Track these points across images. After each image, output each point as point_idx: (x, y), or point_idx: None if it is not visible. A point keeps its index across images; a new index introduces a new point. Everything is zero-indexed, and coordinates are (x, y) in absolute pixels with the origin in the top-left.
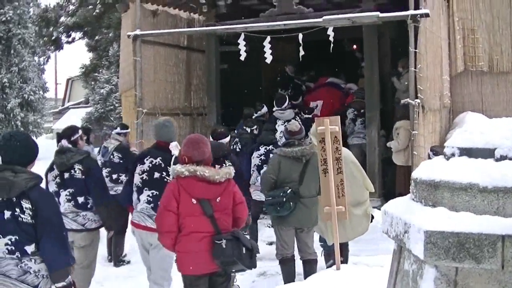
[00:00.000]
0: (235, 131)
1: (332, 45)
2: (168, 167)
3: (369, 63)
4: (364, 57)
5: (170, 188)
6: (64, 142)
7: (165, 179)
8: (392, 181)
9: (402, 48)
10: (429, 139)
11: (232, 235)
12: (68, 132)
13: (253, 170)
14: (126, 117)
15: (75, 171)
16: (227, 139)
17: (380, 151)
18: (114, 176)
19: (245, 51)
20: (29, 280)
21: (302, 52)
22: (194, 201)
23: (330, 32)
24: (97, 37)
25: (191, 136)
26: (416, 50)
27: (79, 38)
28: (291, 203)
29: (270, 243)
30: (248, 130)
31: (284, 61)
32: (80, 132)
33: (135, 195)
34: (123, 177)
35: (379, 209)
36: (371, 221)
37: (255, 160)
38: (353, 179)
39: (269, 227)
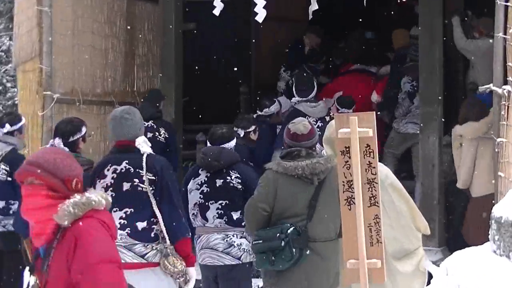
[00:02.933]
0: None
1: None
2: (140, 171)
3: (427, 24)
4: (420, 15)
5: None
6: (59, 143)
7: (140, 188)
8: (461, 220)
9: (484, 2)
10: None
11: None
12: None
13: None
14: (24, 106)
15: None
16: (232, 142)
17: (442, 170)
18: (1, 204)
19: (223, 1)
20: None
21: (315, 6)
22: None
23: None
24: None
25: (51, 150)
26: (508, 4)
27: None
28: (294, 250)
29: None
30: (242, 133)
31: (289, 21)
32: (85, 130)
33: None
34: (16, 206)
35: (439, 266)
36: (428, 283)
37: None
38: (395, 214)
39: None
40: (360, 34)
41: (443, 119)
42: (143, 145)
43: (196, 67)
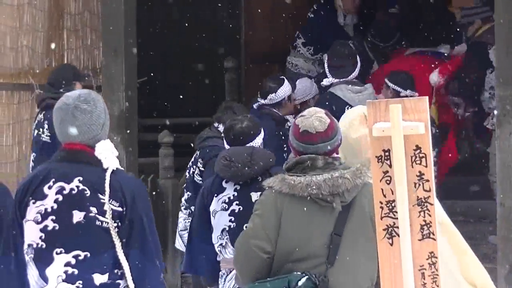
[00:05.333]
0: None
1: None
2: (101, 196)
3: None
4: None
5: None
6: None
7: (98, 221)
8: None
9: None
10: None
11: None
12: None
13: None
14: None
15: None
16: (259, 139)
17: None
18: None
19: None
20: None
21: None
22: None
23: None
24: None
25: None
26: None
27: None
28: None
29: None
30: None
31: None
32: None
33: (33, 271)
34: None
35: None
36: None
37: None
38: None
39: None
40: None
41: None
42: (107, 154)
43: (158, 33)
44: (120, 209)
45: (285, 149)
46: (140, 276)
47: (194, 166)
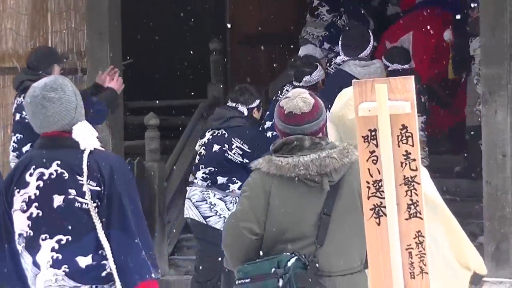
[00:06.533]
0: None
1: None
2: (79, 177)
3: None
4: None
5: None
6: None
7: (77, 203)
8: None
9: None
10: None
11: None
12: None
13: None
14: None
15: None
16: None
17: None
18: None
19: None
20: None
21: None
22: None
23: None
24: None
25: None
26: None
27: None
28: None
29: None
30: (244, 110)
31: None
32: None
33: (27, 260)
34: None
35: None
36: None
37: None
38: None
39: None
40: None
41: None
42: (85, 135)
43: (143, 14)
44: (98, 188)
45: None
46: (122, 255)
47: (226, 145)
